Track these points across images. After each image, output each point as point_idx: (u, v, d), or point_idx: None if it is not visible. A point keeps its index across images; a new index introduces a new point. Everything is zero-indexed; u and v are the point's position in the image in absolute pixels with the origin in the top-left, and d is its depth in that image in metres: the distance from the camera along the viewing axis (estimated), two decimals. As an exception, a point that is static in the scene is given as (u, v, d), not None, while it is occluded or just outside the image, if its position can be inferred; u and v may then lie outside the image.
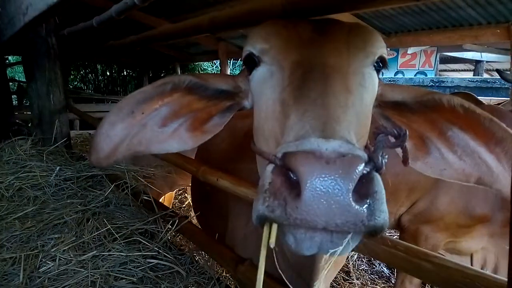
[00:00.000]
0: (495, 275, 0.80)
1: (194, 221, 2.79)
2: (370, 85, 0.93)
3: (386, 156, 0.66)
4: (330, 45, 0.90)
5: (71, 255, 1.99)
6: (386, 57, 0.99)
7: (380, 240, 1.04)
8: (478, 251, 2.49)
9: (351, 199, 0.58)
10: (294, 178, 0.61)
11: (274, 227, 0.67)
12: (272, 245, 0.68)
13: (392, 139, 0.72)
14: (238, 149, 1.99)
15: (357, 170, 0.59)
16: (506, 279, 0.71)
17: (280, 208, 0.61)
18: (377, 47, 0.95)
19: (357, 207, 0.59)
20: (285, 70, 0.89)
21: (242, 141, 1.96)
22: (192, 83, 1.04)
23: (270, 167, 0.65)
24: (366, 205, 0.60)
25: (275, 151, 0.67)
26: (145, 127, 1.04)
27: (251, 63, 0.98)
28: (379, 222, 0.61)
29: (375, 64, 0.96)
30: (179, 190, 5.68)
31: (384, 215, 0.61)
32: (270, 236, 0.68)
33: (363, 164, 0.60)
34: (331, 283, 2.75)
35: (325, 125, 0.69)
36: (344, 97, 0.80)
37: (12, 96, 8.78)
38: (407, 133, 0.73)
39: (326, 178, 0.58)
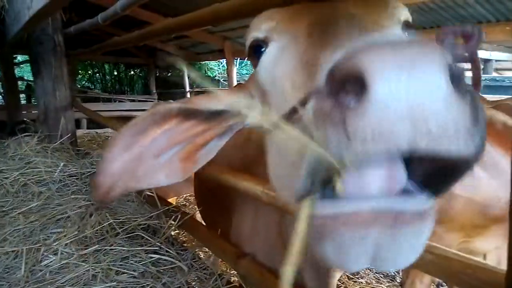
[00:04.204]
0: (495, 267, 0.78)
1: (197, 217, 2.78)
2: None
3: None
4: (348, 3, 0.76)
5: (73, 249, 1.99)
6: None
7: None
8: (492, 251, 2.42)
9: (447, 85, 0.39)
10: (350, 92, 0.42)
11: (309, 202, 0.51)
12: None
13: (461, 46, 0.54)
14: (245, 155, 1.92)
15: (443, 58, 0.40)
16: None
17: (335, 132, 0.42)
18: (398, 10, 0.81)
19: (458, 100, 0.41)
20: (301, 36, 0.75)
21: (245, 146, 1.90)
22: (182, 110, 0.96)
23: (309, 105, 0.49)
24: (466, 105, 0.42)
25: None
26: (140, 160, 0.98)
27: (258, 49, 0.86)
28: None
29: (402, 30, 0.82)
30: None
31: None
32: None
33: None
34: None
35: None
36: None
37: (21, 95, 8.93)
38: (481, 30, 0.56)
39: (404, 62, 0.39)
